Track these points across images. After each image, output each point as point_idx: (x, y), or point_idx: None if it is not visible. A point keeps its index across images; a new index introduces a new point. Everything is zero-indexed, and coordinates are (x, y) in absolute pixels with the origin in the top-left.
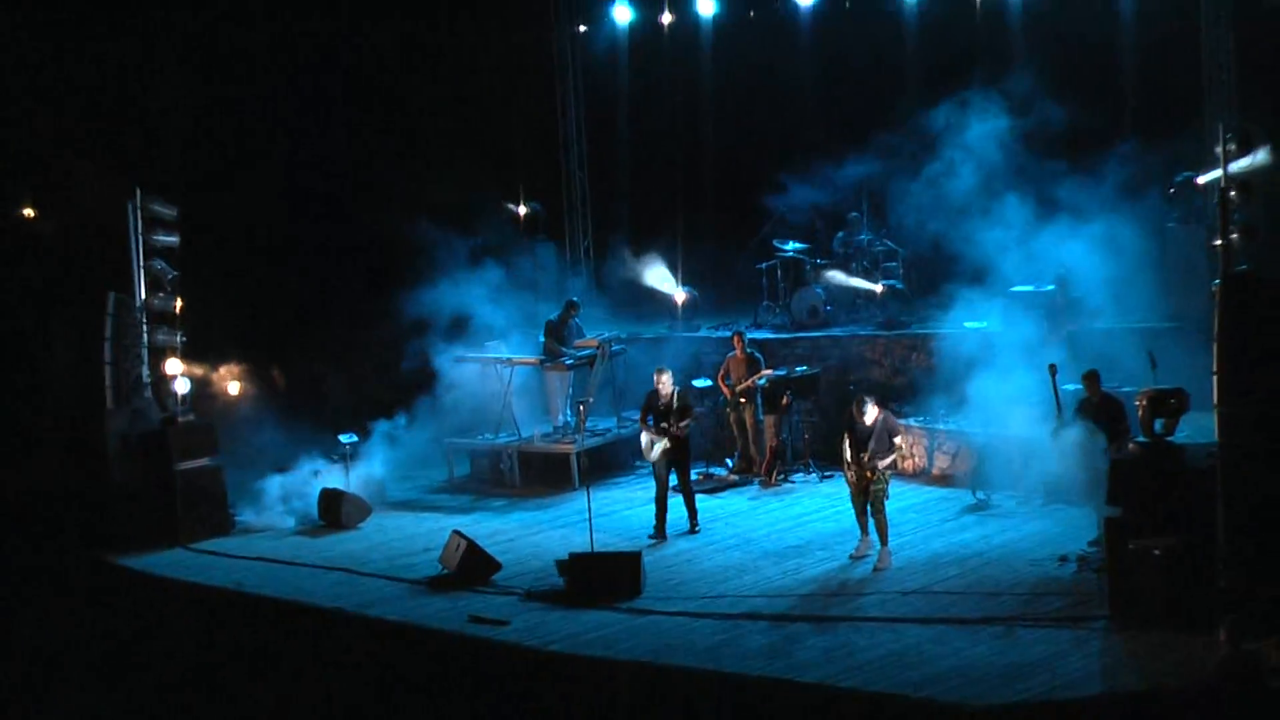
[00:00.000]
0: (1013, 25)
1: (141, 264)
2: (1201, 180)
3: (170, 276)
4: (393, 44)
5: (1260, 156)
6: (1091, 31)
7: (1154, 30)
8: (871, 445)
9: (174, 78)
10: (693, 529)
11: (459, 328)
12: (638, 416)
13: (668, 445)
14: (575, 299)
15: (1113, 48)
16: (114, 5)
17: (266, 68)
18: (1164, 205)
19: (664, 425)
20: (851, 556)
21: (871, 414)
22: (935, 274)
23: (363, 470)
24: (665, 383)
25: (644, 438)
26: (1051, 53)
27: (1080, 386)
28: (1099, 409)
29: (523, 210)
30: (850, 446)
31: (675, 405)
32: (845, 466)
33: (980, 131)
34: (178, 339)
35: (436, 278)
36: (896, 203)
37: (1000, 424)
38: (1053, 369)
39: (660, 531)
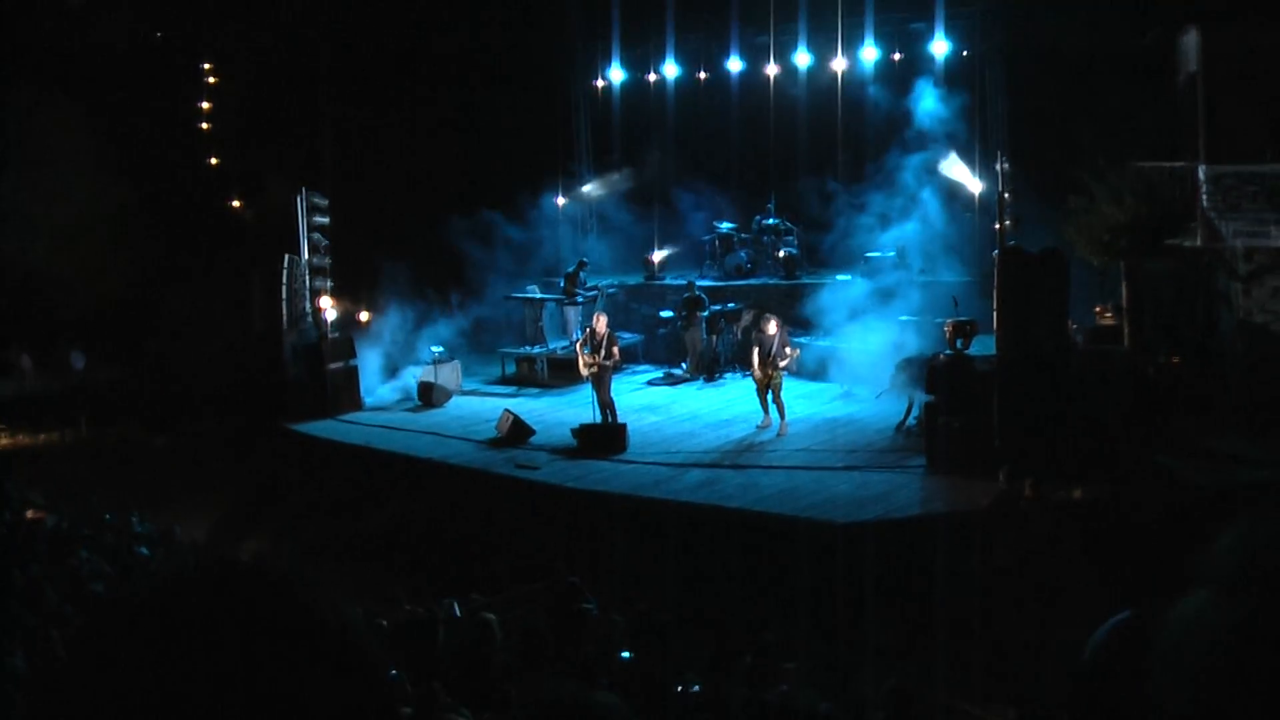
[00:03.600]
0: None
1: (305, 235)
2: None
3: (323, 243)
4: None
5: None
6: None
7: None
8: (773, 351)
9: (327, 111)
10: (612, 421)
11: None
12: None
13: (595, 369)
14: (585, 258)
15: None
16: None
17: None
18: (966, 202)
19: (596, 356)
20: (758, 427)
21: (772, 328)
22: (820, 243)
23: (446, 368)
24: (601, 323)
25: (580, 359)
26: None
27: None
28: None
29: (561, 201)
30: (757, 352)
31: (605, 341)
32: (752, 366)
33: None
34: (328, 284)
35: (501, 249)
36: (798, 194)
37: (859, 341)
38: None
39: (604, 419)
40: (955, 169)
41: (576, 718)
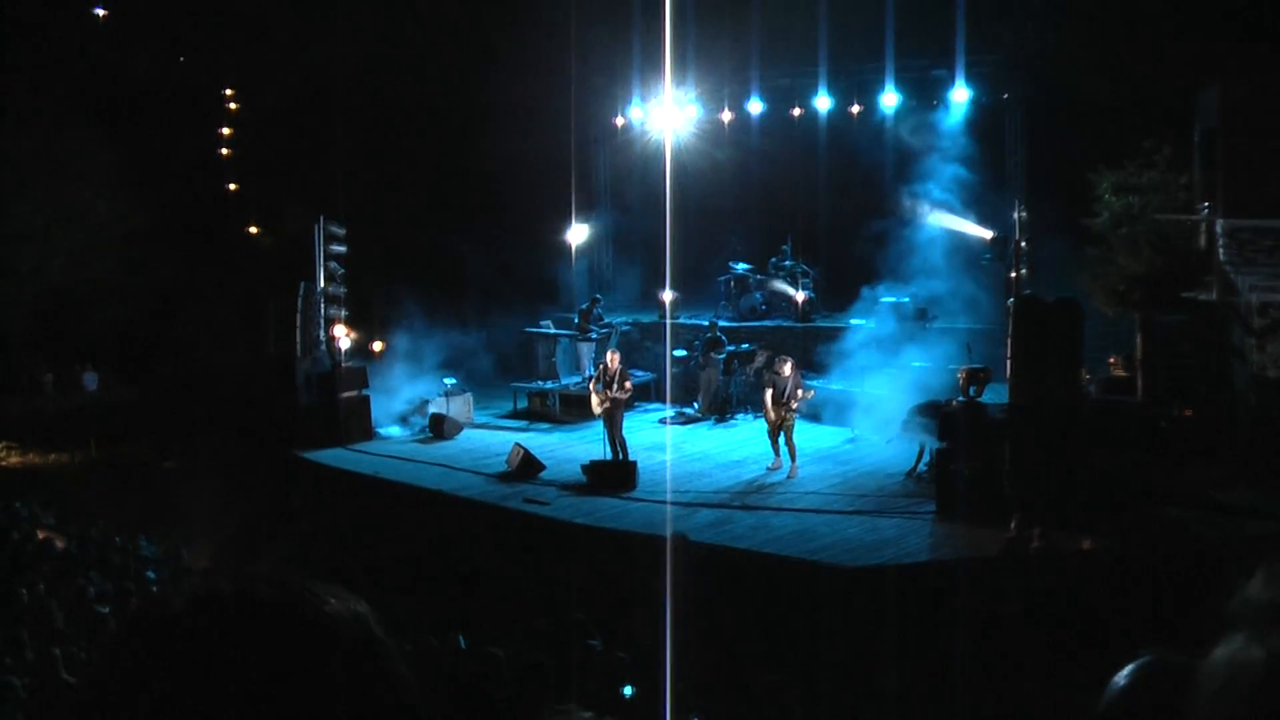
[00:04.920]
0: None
1: (322, 264)
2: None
3: (340, 272)
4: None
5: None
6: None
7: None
8: (787, 392)
9: (343, 144)
10: (623, 458)
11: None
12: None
13: (608, 406)
14: (598, 295)
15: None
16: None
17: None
18: (982, 249)
19: (608, 392)
20: (769, 469)
21: (787, 369)
22: (836, 287)
23: (457, 401)
24: (614, 360)
25: (593, 397)
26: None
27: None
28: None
29: (575, 238)
30: (771, 393)
31: (617, 377)
32: (766, 407)
33: (865, 197)
34: (343, 313)
35: (516, 283)
36: (816, 237)
37: (872, 385)
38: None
39: (615, 455)
40: (955, 222)
41: None
